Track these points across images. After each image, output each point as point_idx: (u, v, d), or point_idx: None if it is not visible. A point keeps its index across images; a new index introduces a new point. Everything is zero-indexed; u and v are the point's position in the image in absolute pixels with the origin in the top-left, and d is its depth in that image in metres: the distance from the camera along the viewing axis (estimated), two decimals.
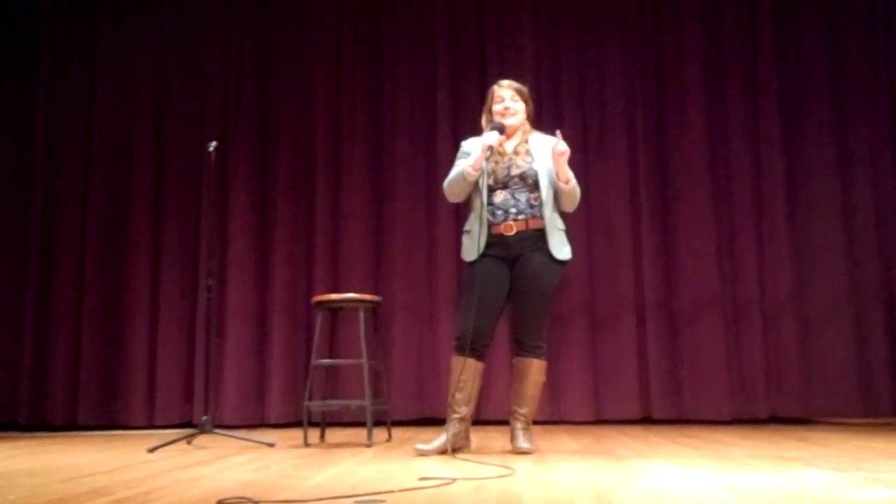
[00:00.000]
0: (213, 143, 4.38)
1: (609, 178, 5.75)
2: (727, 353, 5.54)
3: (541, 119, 4.05)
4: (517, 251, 3.51)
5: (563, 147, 3.45)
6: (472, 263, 3.53)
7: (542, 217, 3.51)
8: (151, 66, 6.00)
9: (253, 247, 5.80)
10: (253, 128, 5.91)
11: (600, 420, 5.51)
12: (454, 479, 2.57)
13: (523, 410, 3.56)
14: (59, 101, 5.98)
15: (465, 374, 3.46)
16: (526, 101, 3.66)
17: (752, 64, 5.82)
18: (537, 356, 3.55)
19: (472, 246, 3.54)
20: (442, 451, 3.42)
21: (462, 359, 3.47)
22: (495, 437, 4.23)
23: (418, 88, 5.93)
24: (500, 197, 3.52)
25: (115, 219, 5.84)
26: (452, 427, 3.49)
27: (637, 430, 4.91)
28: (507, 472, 2.77)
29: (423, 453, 3.42)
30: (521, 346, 3.58)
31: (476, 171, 3.48)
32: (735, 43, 5.85)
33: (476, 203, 3.56)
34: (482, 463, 3.03)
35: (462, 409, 3.50)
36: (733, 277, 5.66)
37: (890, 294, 5.58)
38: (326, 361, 4.42)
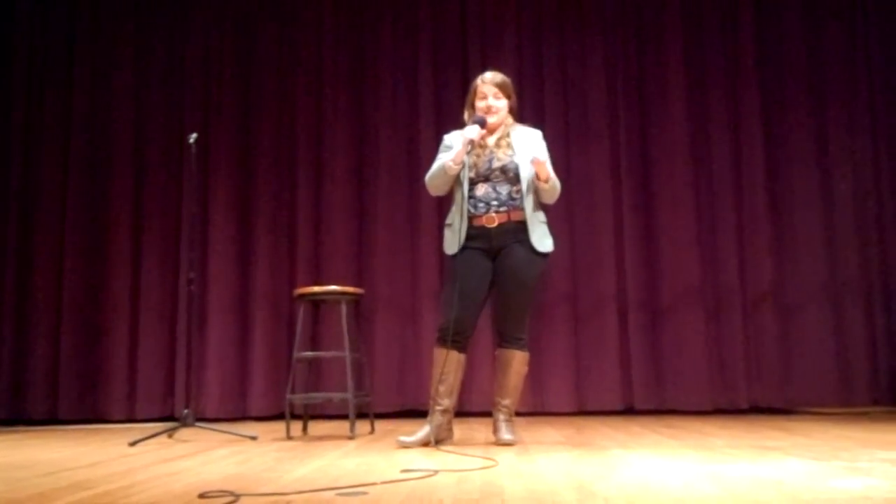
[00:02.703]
0: (194, 135, 4.35)
1: (590, 171, 5.77)
2: (708, 344, 5.58)
3: (523, 111, 4.05)
4: (499, 243, 3.52)
5: (541, 157, 3.46)
6: (454, 256, 3.54)
7: (523, 209, 3.52)
8: (130, 57, 5.93)
9: (234, 239, 5.76)
10: (234, 119, 5.87)
11: (583, 411, 5.53)
12: (437, 471, 2.57)
13: (506, 402, 3.57)
14: (37, 95, 5.90)
15: (448, 365, 3.47)
16: (508, 96, 3.66)
17: (732, 56, 5.85)
18: (520, 348, 3.57)
19: (453, 238, 3.55)
20: (425, 443, 3.42)
21: (444, 350, 3.48)
22: (478, 429, 4.24)
23: (400, 81, 5.91)
24: (481, 190, 3.54)
25: (94, 211, 5.79)
26: (435, 419, 3.49)
27: (619, 421, 4.94)
28: (489, 463, 2.78)
29: (405, 445, 3.43)
30: (504, 338, 3.59)
31: (457, 164, 3.49)
32: (715, 35, 5.87)
33: (458, 196, 3.57)
34: (465, 455, 3.03)
35: (444, 400, 3.51)
36: (714, 269, 5.70)
37: (868, 284, 5.64)
38: (309, 354, 4.41)
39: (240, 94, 5.91)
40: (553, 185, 3.53)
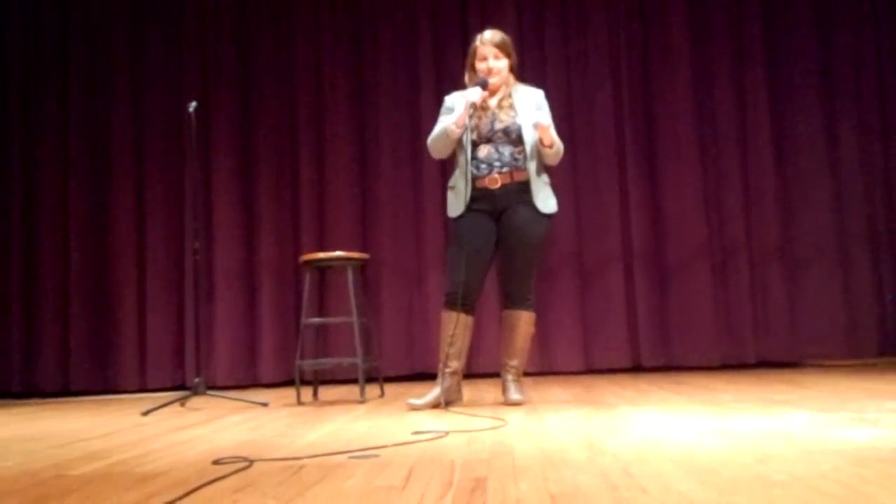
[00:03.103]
0: (194, 104, 4.32)
1: (595, 130, 5.73)
2: (715, 300, 5.59)
3: (524, 70, 4.01)
4: (503, 204, 3.50)
5: (545, 122, 3.42)
6: (459, 218, 3.53)
7: (526, 170, 3.50)
8: (127, 25, 5.88)
9: (238, 208, 5.76)
10: (234, 86, 5.83)
11: (590, 370, 5.56)
12: (447, 433, 2.59)
13: (514, 362, 3.59)
14: (34, 67, 5.88)
15: (456, 328, 3.47)
16: (508, 54, 3.59)
17: (736, 11, 5.77)
18: (526, 308, 3.57)
19: (457, 201, 3.54)
20: (435, 405, 3.45)
21: (452, 313, 3.49)
22: (487, 390, 4.27)
23: (400, 44, 5.86)
24: (483, 151, 3.51)
25: (97, 184, 5.79)
26: (445, 381, 3.51)
27: (627, 379, 4.96)
28: (499, 423, 2.80)
29: (415, 408, 3.45)
30: (510, 299, 3.60)
31: (459, 127, 3.46)
32: None
33: (461, 159, 3.54)
34: (474, 416, 3.05)
35: (453, 363, 3.52)
36: (720, 225, 5.68)
37: (875, 237, 5.63)
38: (317, 320, 4.42)
39: (239, 61, 5.86)
40: (557, 149, 3.51)
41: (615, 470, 1.83)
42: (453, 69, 5.66)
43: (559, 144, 3.52)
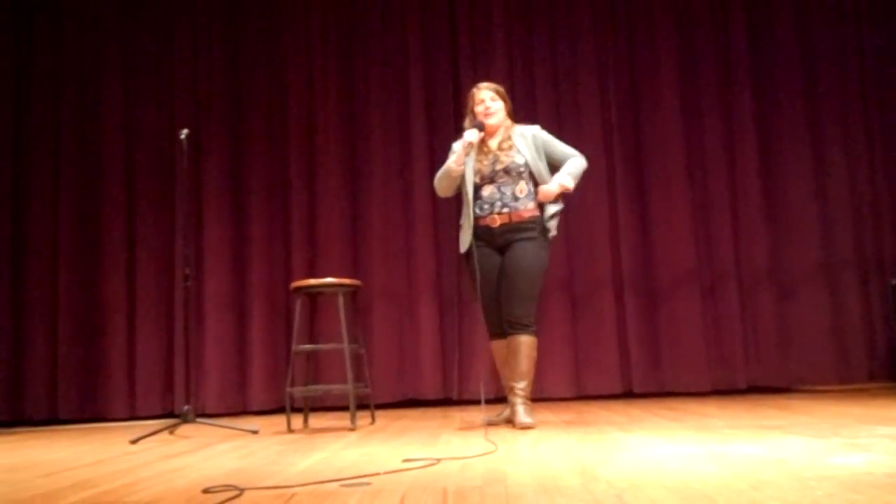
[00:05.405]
0: (185, 131, 4.33)
1: (583, 155, 5.74)
2: (705, 325, 5.60)
3: (514, 100, 4.09)
4: (503, 241, 3.71)
5: (568, 185, 3.79)
6: (467, 255, 3.76)
7: (524, 209, 3.71)
8: (117, 53, 5.90)
9: (229, 234, 5.75)
10: (224, 114, 5.85)
11: (582, 396, 5.55)
12: (439, 460, 2.58)
13: (521, 385, 3.67)
14: (25, 96, 5.87)
15: (499, 353, 3.81)
16: (504, 100, 3.87)
17: (723, 38, 5.84)
18: (527, 333, 3.67)
19: (464, 238, 3.78)
20: (508, 421, 3.71)
21: (492, 342, 3.85)
22: (477, 416, 4.24)
23: (391, 72, 5.89)
24: (487, 191, 3.74)
25: (87, 210, 5.77)
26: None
27: (618, 405, 4.95)
28: (491, 448, 2.78)
29: (492, 423, 3.69)
30: (511, 325, 3.70)
31: (458, 166, 3.69)
32: (706, 16, 5.86)
33: (465, 198, 3.77)
34: (467, 440, 3.04)
35: (511, 382, 3.70)
36: (709, 250, 5.71)
37: (863, 261, 5.66)
38: (307, 347, 4.40)
39: (230, 89, 5.88)
40: (578, 176, 3.84)
41: (609, 497, 1.83)
42: (443, 97, 5.73)
43: (578, 171, 3.84)
